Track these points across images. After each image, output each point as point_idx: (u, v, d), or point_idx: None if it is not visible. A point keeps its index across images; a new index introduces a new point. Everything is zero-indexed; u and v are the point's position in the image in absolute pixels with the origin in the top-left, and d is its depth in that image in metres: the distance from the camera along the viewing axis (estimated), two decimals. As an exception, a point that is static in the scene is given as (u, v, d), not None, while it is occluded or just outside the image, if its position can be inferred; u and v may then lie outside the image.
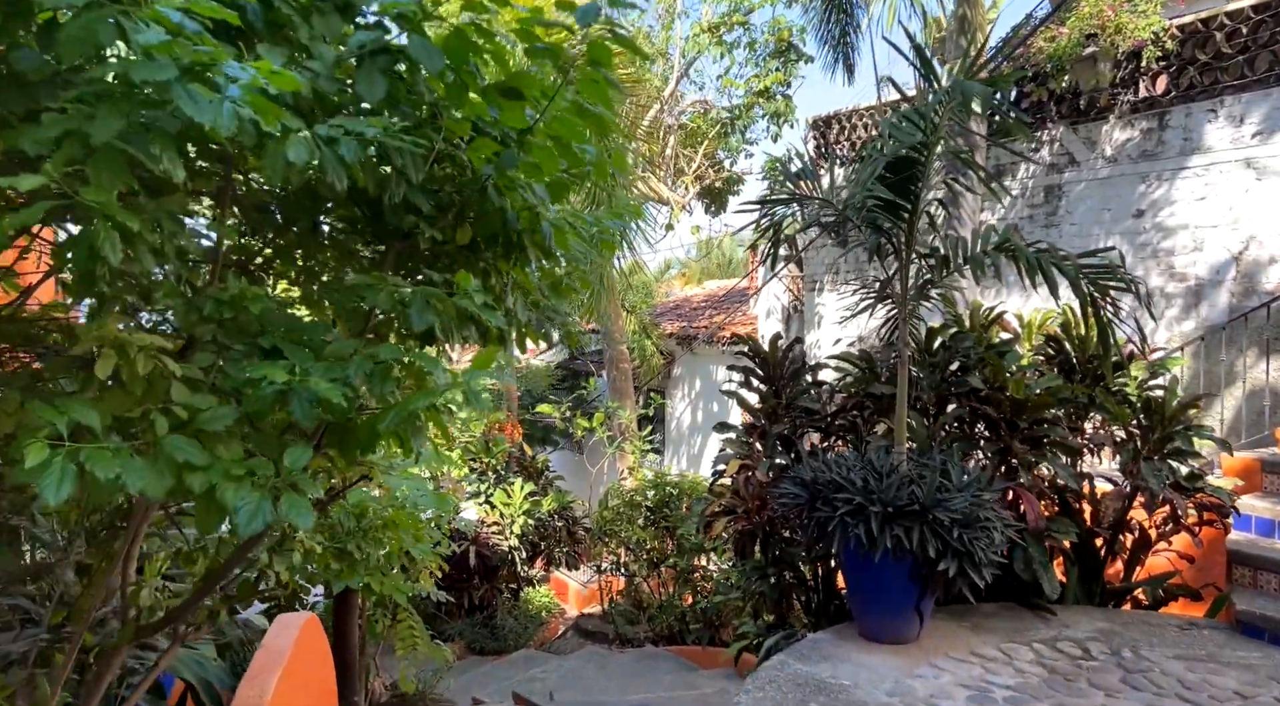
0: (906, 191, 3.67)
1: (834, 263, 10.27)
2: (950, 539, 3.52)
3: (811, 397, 4.55)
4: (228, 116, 1.07)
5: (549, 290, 2.07)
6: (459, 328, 1.52)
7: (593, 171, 1.78)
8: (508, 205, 1.61)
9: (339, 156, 1.21)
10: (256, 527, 1.17)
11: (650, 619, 8.18)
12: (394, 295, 1.43)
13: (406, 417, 1.35)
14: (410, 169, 1.37)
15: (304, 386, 1.23)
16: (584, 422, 9.60)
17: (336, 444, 1.46)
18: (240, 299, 1.35)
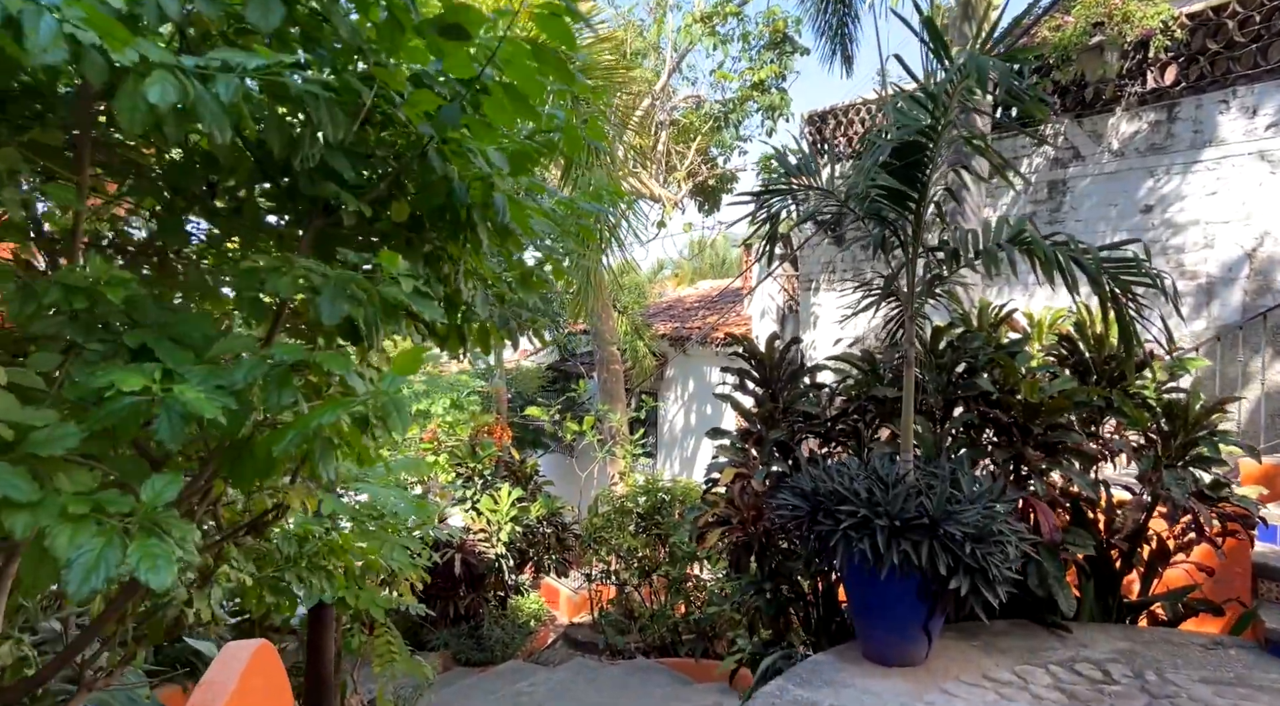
0: (913, 179, 3.41)
1: (830, 261, 10.02)
2: (962, 554, 3.26)
3: (810, 401, 4.28)
4: (46, 33, 0.79)
5: (517, 283, 1.80)
6: (385, 321, 1.24)
7: (563, 139, 1.50)
8: (454, 174, 1.34)
9: (217, 99, 0.93)
10: (94, 586, 0.90)
11: (642, 629, 7.90)
12: (300, 280, 1.15)
13: (310, 437, 1.07)
14: (327, 124, 1.10)
15: (172, 397, 0.95)
16: (574, 426, 9.32)
17: (229, 469, 1.18)
18: (98, 285, 1.07)
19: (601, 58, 5.87)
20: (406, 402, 1.15)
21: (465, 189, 1.36)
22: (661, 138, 10.42)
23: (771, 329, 11.55)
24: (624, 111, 6.16)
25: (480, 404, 12.10)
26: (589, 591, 8.51)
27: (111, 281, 1.07)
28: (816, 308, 10.19)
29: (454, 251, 1.50)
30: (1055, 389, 3.91)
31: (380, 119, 1.32)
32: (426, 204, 1.38)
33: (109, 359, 1.05)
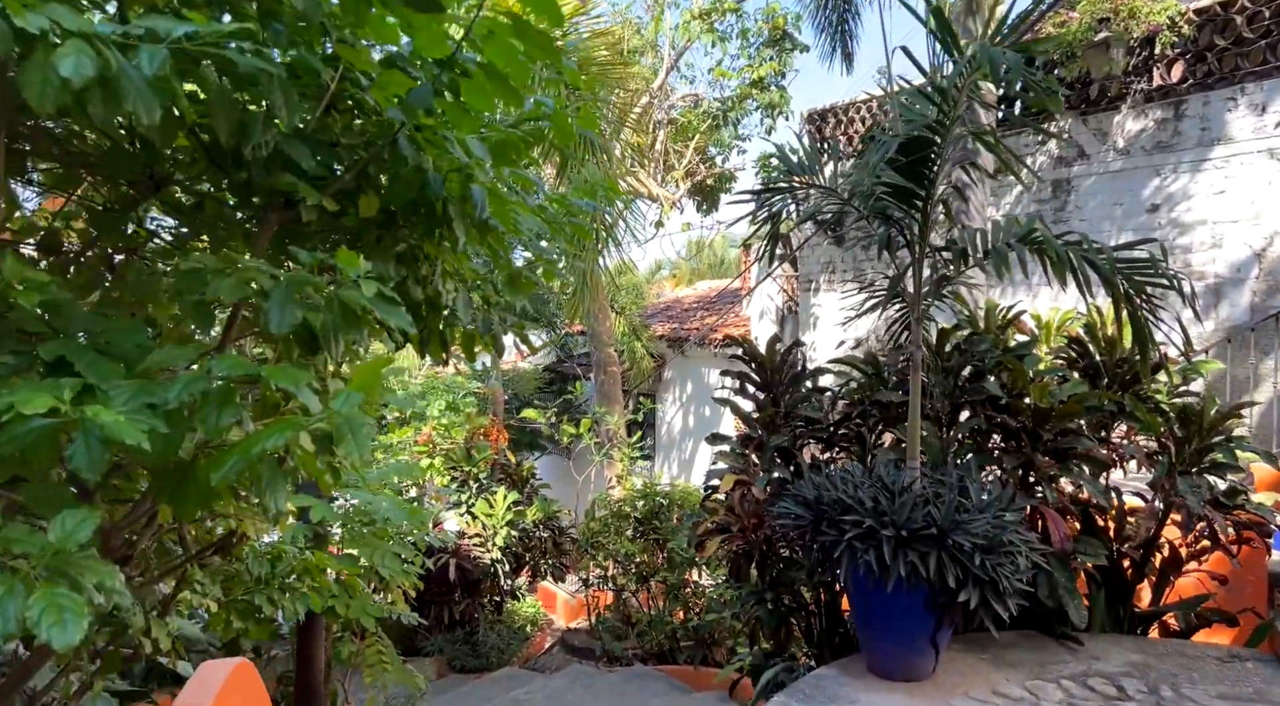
0: (920, 176, 3.28)
1: (830, 262, 9.90)
2: (971, 566, 3.14)
3: (813, 405, 4.15)
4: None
5: (504, 285, 1.67)
6: (346, 328, 1.11)
7: (552, 130, 1.38)
8: (428, 164, 1.22)
9: (140, 72, 0.80)
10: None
11: (640, 635, 7.78)
12: (246, 282, 1.02)
13: (255, 463, 0.95)
14: (281, 106, 0.97)
15: (87, 420, 0.82)
16: (570, 429, 9.19)
17: (169, 496, 1.05)
18: (9, 288, 0.94)
19: (597, 53, 5.75)
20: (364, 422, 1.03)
21: (441, 181, 1.24)
22: (659, 137, 10.29)
23: (771, 330, 11.42)
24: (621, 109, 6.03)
25: (477, 406, 11.97)
26: (586, 597, 8.39)
27: (26, 284, 0.94)
28: (816, 309, 10.07)
29: (431, 250, 1.38)
30: (1066, 393, 3.79)
31: (348, 105, 1.19)
32: (398, 198, 1.25)
33: (22, 373, 0.93)
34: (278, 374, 1.00)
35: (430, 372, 14.44)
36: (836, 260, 9.78)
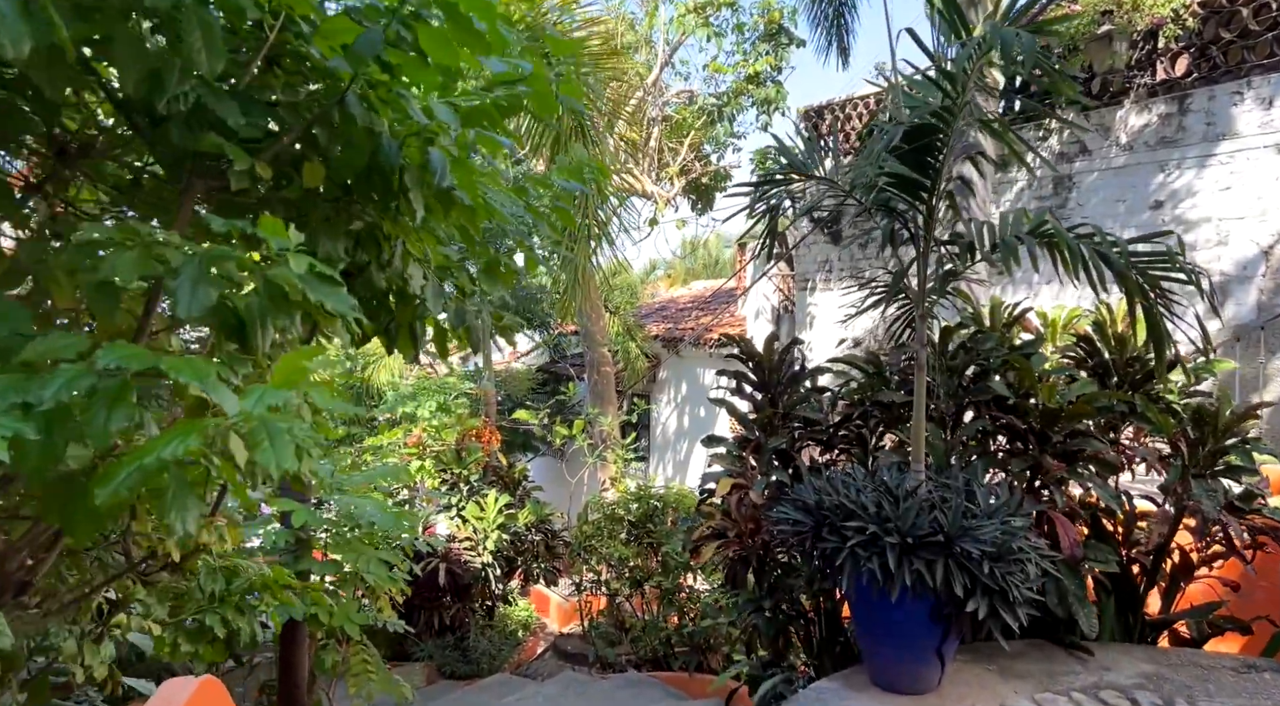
0: (926, 166, 3.14)
1: (827, 260, 9.76)
2: (980, 574, 2.99)
3: (812, 406, 4.01)
4: None
5: (481, 274, 1.52)
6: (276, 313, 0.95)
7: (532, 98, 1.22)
8: (381, 126, 1.06)
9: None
10: None
11: (634, 641, 7.62)
12: (153, 258, 0.86)
13: (154, 474, 0.79)
14: (199, 50, 0.81)
15: (-68, 421, 0.67)
16: (563, 430, 9.03)
17: (56, 516, 0.89)
18: None
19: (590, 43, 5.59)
20: (285, 427, 0.88)
21: (398, 148, 1.08)
22: (654, 133, 10.14)
23: (767, 330, 11.28)
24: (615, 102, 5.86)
25: (469, 407, 11.80)
26: (579, 601, 8.23)
27: None
28: (813, 308, 9.93)
29: (390, 229, 1.22)
30: (1074, 393, 3.64)
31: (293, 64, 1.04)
32: (348, 166, 1.09)
33: None
34: (179, 366, 0.83)
35: (422, 373, 14.27)
36: (833, 259, 9.64)
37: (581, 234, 5.81)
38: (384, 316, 1.46)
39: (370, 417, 12.51)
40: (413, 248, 1.30)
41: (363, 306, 1.30)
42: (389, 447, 9.73)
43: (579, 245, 5.88)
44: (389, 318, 1.46)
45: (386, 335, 1.53)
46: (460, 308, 1.48)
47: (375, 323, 1.45)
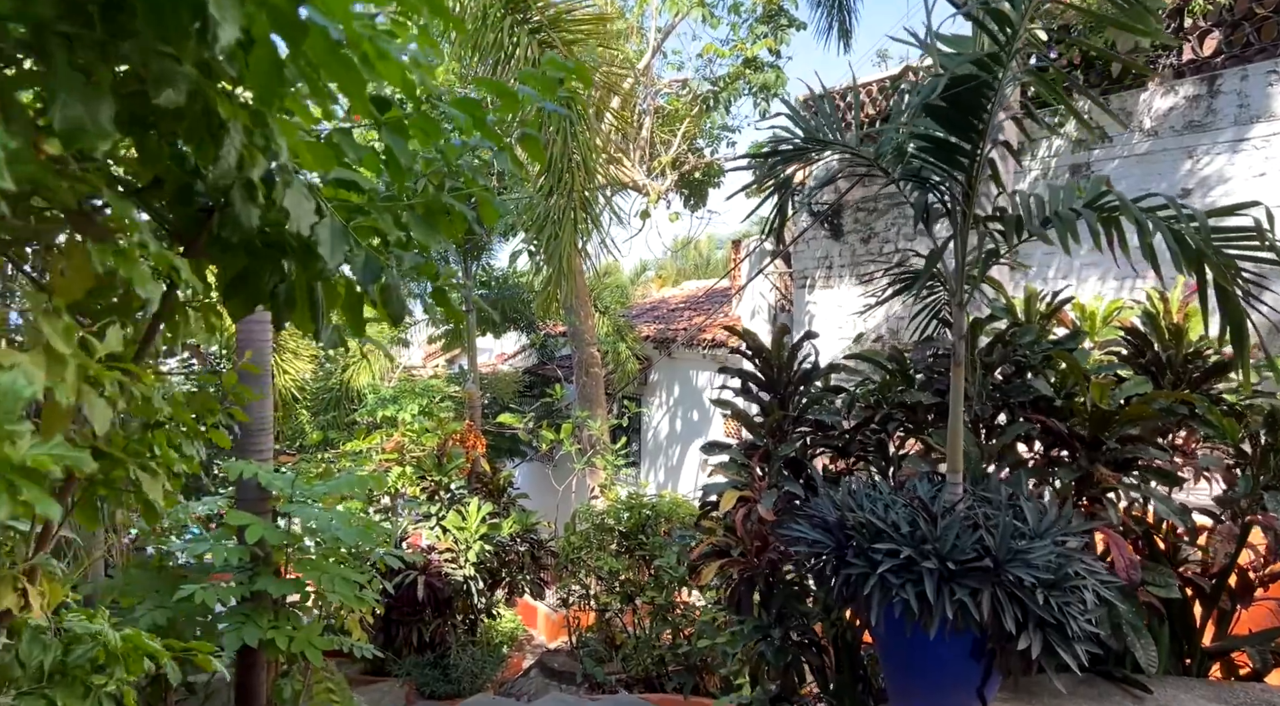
0: (967, 127, 2.68)
1: (826, 256, 9.32)
2: (1034, 605, 2.55)
3: (826, 408, 3.55)
4: None
5: (415, 218, 1.06)
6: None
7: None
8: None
9: None
10: None
11: (624, 659, 7.14)
12: None
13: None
14: None
15: None
16: (550, 434, 8.55)
17: None
18: None
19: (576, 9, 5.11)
20: None
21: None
22: (645, 124, 9.69)
23: (763, 330, 10.83)
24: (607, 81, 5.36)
25: (453, 410, 11.31)
26: (566, 616, 7.74)
27: None
28: (812, 306, 9.49)
29: (213, 98, 0.76)
30: (1129, 393, 3.20)
31: None
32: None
33: None
34: None
35: (403, 375, 13.76)
36: (833, 254, 9.20)
37: (566, 219, 5.32)
38: (267, 273, 1.02)
39: (350, 421, 12.00)
40: (250, 127, 0.84)
41: (216, 249, 0.86)
42: (367, 453, 9.23)
43: (564, 231, 5.38)
44: (280, 279, 1.01)
45: (274, 302, 1.08)
46: (372, 258, 1.02)
47: (247, 282, 1.00)
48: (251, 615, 4.49)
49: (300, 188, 0.93)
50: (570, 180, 5.10)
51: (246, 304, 1.09)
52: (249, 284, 1.06)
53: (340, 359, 12.87)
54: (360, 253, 1.00)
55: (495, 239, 12.82)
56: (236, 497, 5.01)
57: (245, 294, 1.07)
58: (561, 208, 5.24)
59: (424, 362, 19.25)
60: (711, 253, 24.54)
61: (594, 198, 5.51)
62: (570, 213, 5.22)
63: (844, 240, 9.06)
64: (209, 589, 4.29)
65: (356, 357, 12.61)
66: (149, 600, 4.42)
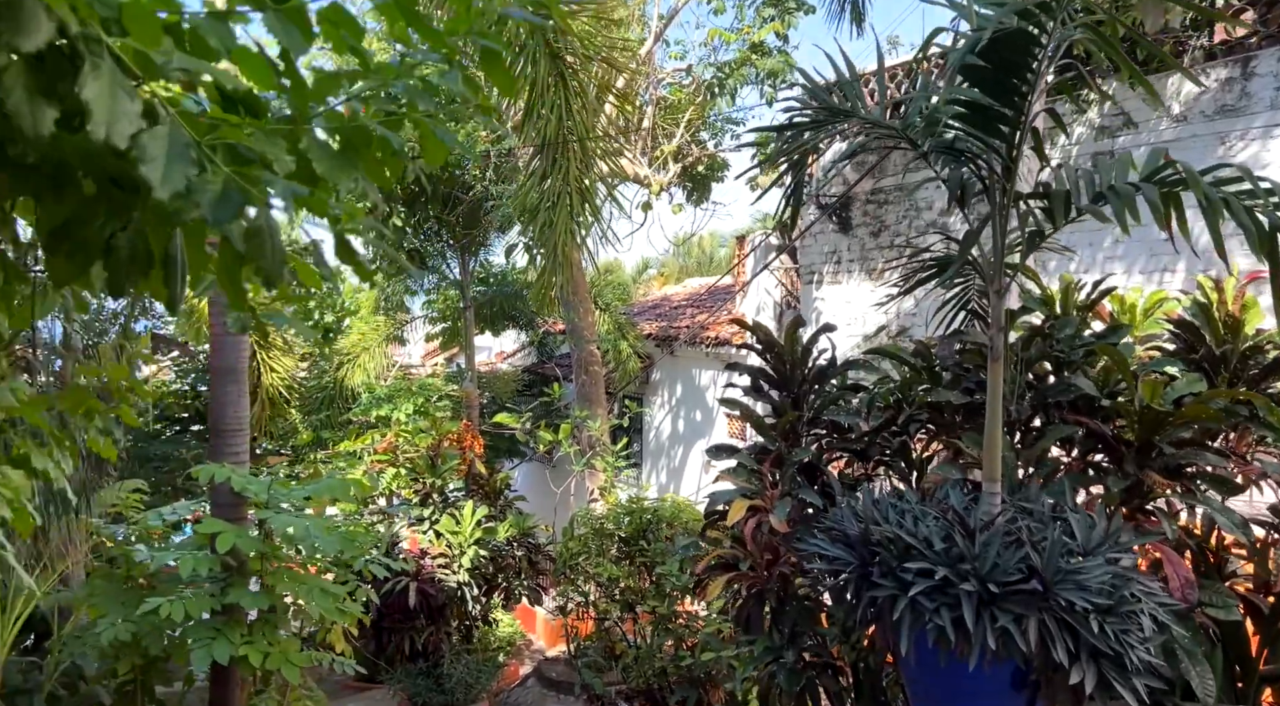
0: (1010, 91, 2.37)
1: (834, 250, 9.00)
2: (1087, 632, 2.23)
3: (845, 409, 3.23)
4: None
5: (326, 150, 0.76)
6: None
7: None
8: None
9: None
10: None
11: (624, 669, 6.82)
12: None
13: None
14: None
15: None
16: (547, 435, 8.24)
17: None
18: None
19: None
20: None
21: None
22: (647, 113, 9.37)
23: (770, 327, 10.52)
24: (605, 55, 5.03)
25: (451, 409, 11.00)
26: (565, 624, 7.43)
27: None
28: (819, 303, 9.18)
29: None
30: (1181, 392, 2.88)
31: None
32: None
33: None
34: None
35: (399, 373, 13.45)
36: (842, 249, 8.88)
37: (561, 205, 4.97)
38: (100, 217, 0.72)
39: (344, 421, 11.71)
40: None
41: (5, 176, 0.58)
42: (360, 454, 8.92)
43: (558, 218, 5.03)
44: (110, 221, 0.72)
45: (111, 259, 0.78)
46: (232, 187, 0.71)
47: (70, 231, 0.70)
48: (223, 629, 4.19)
49: (112, 74, 0.62)
50: (566, 163, 4.76)
51: (73, 261, 0.79)
52: (72, 232, 0.76)
53: (335, 357, 12.58)
54: (214, 180, 0.70)
55: (494, 235, 12.51)
56: (211, 503, 4.71)
57: (70, 247, 0.77)
58: (556, 192, 4.91)
59: (423, 361, 18.96)
60: (715, 250, 24.23)
61: (591, 182, 5.17)
62: (565, 198, 4.89)
63: (853, 234, 8.74)
64: (177, 601, 4.00)
65: (351, 355, 12.32)
66: (112, 613, 4.13)
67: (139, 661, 4.19)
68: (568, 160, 4.74)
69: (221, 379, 4.53)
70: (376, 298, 13.50)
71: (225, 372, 4.52)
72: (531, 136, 4.86)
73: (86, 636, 4.01)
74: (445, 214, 10.86)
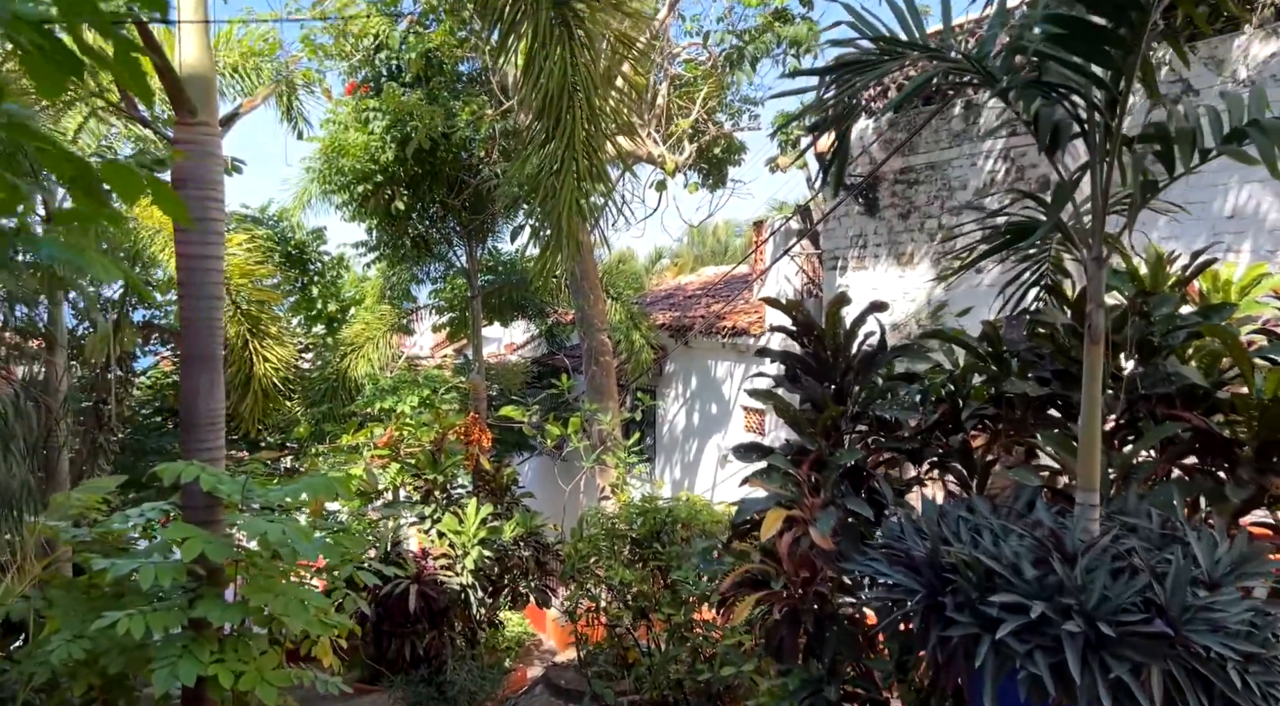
0: (1120, 8, 1.88)
1: (860, 234, 8.49)
2: (1226, 687, 1.76)
3: (899, 402, 2.76)
4: None
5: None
6: None
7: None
8: None
9: None
10: None
11: (637, 680, 6.38)
12: None
13: None
14: None
15: None
16: (556, 429, 7.79)
17: None
18: None
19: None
20: None
21: None
22: (661, 91, 8.88)
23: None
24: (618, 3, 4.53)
25: (458, 402, 10.58)
26: (574, 629, 6.99)
27: None
28: (844, 289, 8.66)
29: None
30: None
31: None
32: None
33: None
34: None
35: (405, 365, 13.04)
36: (868, 232, 8.37)
37: (566, 170, 4.47)
38: None
39: (348, 413, 11.30)
40: None
41: None
42: (359, 449, 8.50)
43: (563, 185, 4.52)
44: None
45: None
46: None
47: None
48: (191, 646, 3.77)
49: None
50: (571, 123, 4.25)
51: None
52: None
53: (339, 347, 12.17)
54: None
55: (501, 222, 12.05)
56: (183, 505, 4.29)
57: None
58: (559, 156, 4.41)
59: (432, 353, 18.55)
60: (730, 239, 23.67)
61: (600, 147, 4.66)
62: (570, 163, 4.39)
63: (880, 216, 8.23)
64: (137, 616, 3.57)
65: (355, 345, 11.90)
66: (66, 628, 3.71)
67: (96, 681, 3.76)
68: (573, 118, 4.24)
69: (192, 367, 4.10)
70: (381, 286, 13.08)
71: (196, 360, 4.09)
72: (532, 99, 4.37)
73: (37, 653, 3.59)
74: (451, 198, 10.40)
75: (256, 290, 8.77)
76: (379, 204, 9.77)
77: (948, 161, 7.54)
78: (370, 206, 9.91)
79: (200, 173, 4.08)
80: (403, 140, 8.99)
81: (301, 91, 8.74)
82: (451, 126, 8.99)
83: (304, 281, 12.58)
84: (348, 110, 9.60)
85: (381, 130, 9.06)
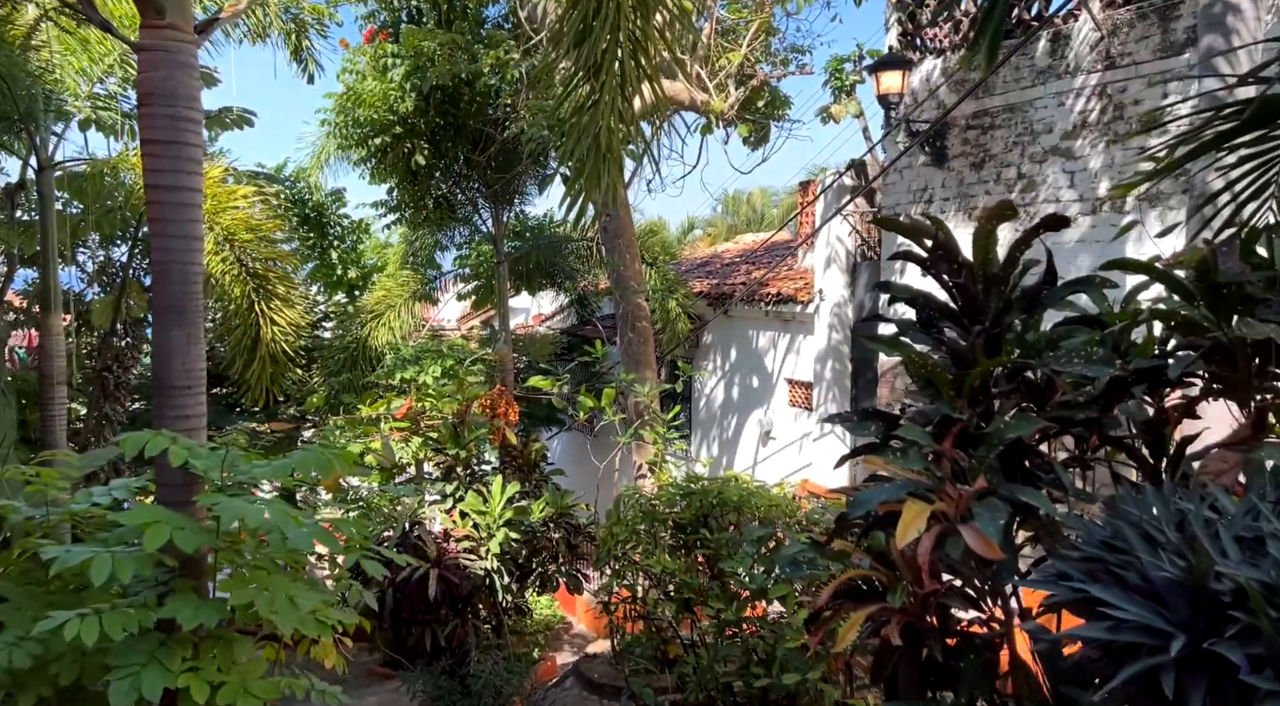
0: None
1: (925, 188, 7.68)
2: None
3: (1083, 354, 2.01)
4: None
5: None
6: None
7: None
8: None
9: None
10: None
11: (681, 678, 5.72)
12: None
13: None
14: None
15: None
16: (588, 401, 7.13)
17: None
18: None
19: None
20: None
21: None
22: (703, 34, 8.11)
23: (840, 282, 9.23)
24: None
25: (484, 373, 9.96)
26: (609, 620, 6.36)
27: None
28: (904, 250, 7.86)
29: None
30: None
31: None
32: None
33: None
34: None
35: (429, 333, 12.45)
36: (935, 186, 7.56)
37: (608, 70, 3.59)
38: None
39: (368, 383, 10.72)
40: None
41: None
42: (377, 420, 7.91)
43: (604, 90, 3.59)
44: None
45: None
46: None
47: None
48: (159, 652, 3.15)
49: None
50: (614, 9, 3.40)
51: None
52: None
53: (359, 314, 11.58)
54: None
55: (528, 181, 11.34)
56: (156, 482, 3.68)
57: None
58: (601, 53, 3.55)
59: (458, 323, 18.00)
60: (766, 208, 22.75)
61: (652, 56, 3.80)
62: (612, 62, 3.54)
63: (949, 167, 7.41)
64: (90, 617, 2.96)
65: (376, 313, 11.30)
66: (12, 629, 3.11)
67: (48, 693, 3.16)
68: (618, 3, 3.36)
69: (165, 319, 3.46)
70: (404, 252, 12.46)
71: (170, 311, 3.45)
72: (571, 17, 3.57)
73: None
74: (476, 154, 9.70)
75: (264, 248, 8.17)
76: (398, 158, 9.10)
77: (1029, 102, 6.70)
78: (389, 162, 9.25)
79: (170, 86, 3.40)
80: (423, 88, 8.32)
81: (313, 32, 8.07)
82: (475, 72, 8.29)
83: (323, 246, 11.99)
84: (366, 59, 8.96)
85: (400, 77, 8.38)
